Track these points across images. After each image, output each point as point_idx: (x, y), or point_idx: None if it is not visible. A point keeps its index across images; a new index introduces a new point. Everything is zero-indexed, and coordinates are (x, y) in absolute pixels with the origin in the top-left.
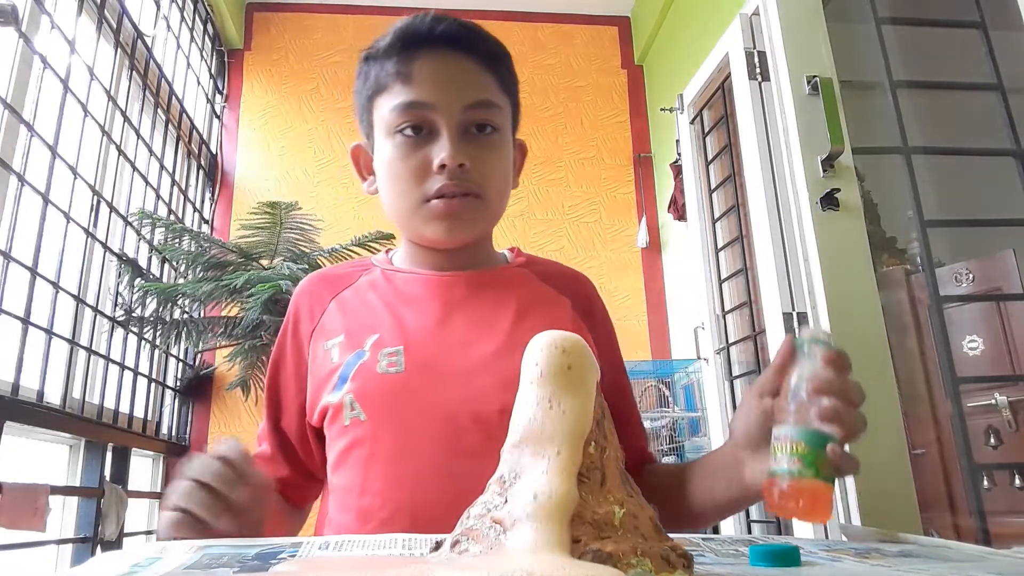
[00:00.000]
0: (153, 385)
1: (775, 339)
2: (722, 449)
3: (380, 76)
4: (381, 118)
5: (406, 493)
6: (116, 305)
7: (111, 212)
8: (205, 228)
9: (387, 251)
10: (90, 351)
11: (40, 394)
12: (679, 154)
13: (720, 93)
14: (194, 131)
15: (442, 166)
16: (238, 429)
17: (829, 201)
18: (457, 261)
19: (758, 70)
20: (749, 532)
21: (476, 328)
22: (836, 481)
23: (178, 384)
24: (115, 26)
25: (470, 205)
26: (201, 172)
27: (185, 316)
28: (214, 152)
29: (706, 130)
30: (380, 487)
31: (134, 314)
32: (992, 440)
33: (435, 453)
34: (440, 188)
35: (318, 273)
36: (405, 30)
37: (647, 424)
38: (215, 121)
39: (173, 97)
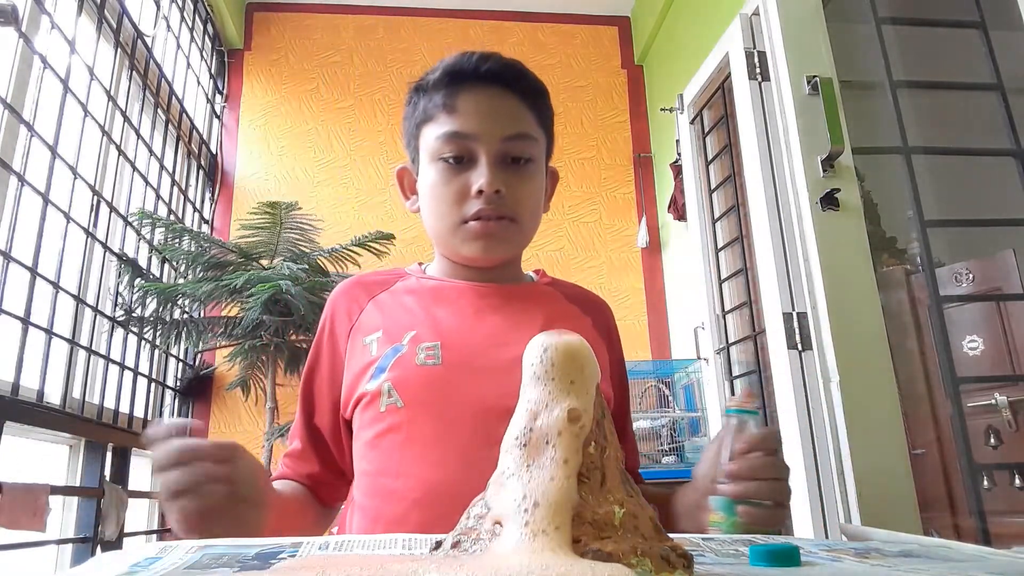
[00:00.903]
0: (153, 385)
1: (775, 339)
2: (689, 488)
3: (428, 107)
4: (427, 145)
5: (439, 476)
6: (116, 305)
7: (111, 212)
8: (205, 228)
9: (419, 264)
10: (90, 351)
11: (40, 394)
12: (679, 154)
13: (720, 93)
14: (194, 131)
15: (480, 191)
16: (238, 429)
17: (829, 201)
18: (489, 277)
19: (758, 70)
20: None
21: (508, 331)
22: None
23: (178, 384)
24: (115, 26)
25: (505, 227)
26: (201, 172)
27: (185, 316)
28: (214, 152)
29: (706, 130)
30: (416, 470)
31: (134, 314)
32: (992, 440)
33: (470, 441)
34: (478, 211)
35: (354, 278)
36: (453, 66)
37: (647, 424)
38: (215, 121)
39: (173, 97)
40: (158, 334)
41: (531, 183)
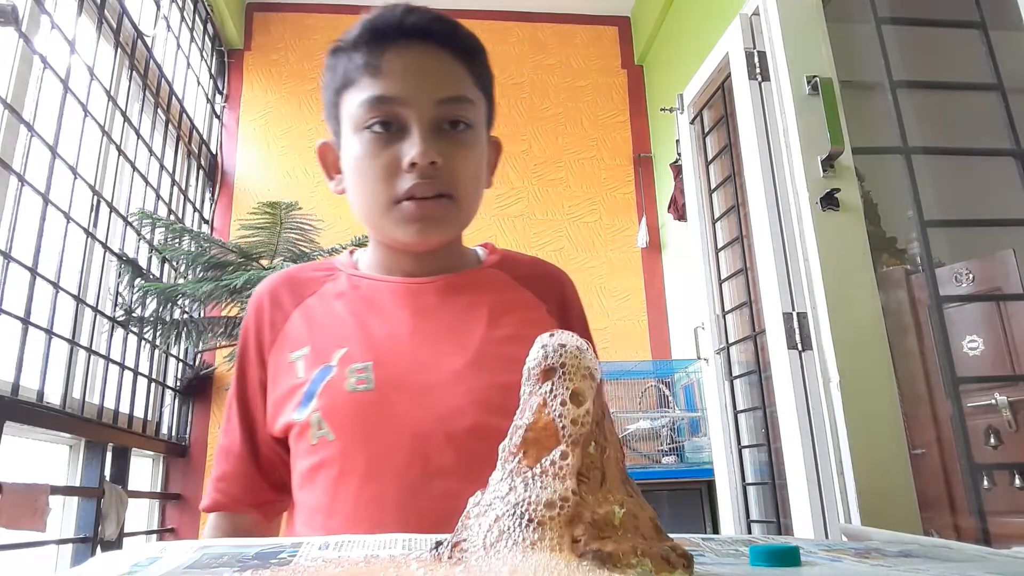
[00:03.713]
0: (153, 385)
1: (775, 339)
2: None
3: (348, 69)
4: (349, 114)
5: (375, 515)
6: (116, 305)
7: (111, 212)
8: (205, 228)
9: (350, 252)
10: (90, 351)
11: (40, 394)
12: (679, 154)
13: (720, 93)
14: (194, 131)
15: (412, 164)
16: None
17: (829, 201)
18: (427, 264)
19: (758, 70)
20: (749, 532)
21: (447, 339)
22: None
23: (178, 384)
24: (115, 26)
25: (443, 207)
26: (201, 172)
27: (185, 316)
28: (214, 152)
29: (706, 130)
30: (349, 510)
31: (134, 314)
32: (992, 440)
33: (406, 474)
34: (411, 188)
35: (280, 276)
36: (374, 21)
37: (647, 424)
38: (215, 121)
39: (173, 97)
40: (158, 334)
41: (471, 152)
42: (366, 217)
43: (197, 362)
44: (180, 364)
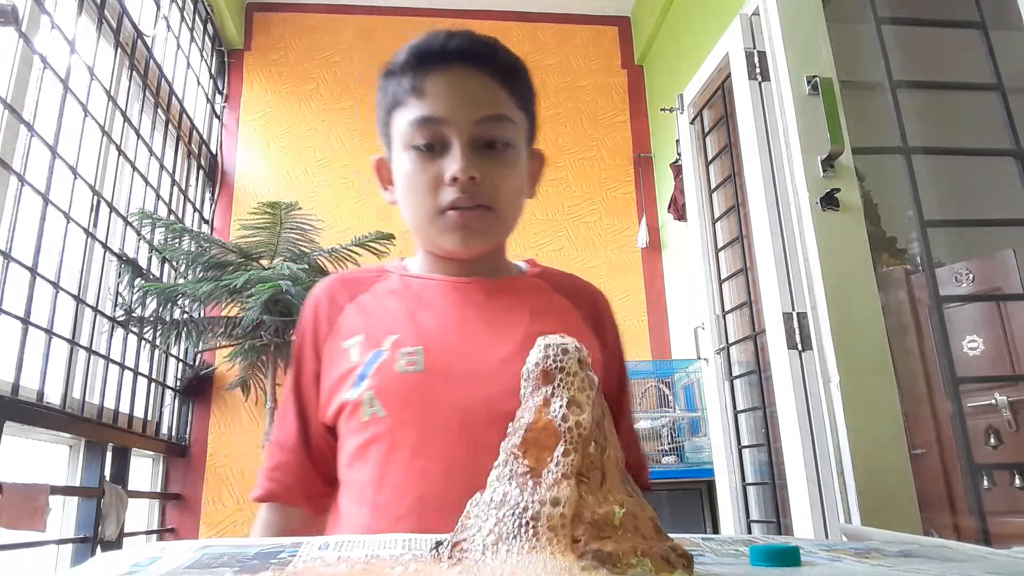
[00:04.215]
0: (153, 385)
1: (775, 339)
2: None
3: (396, 92)
4: (398, 132)
5: (424, 488)
6: (116, 305)
7: (111, 212)
8: (205, 228)
9: (401, 259)
10: (90, 351)
11: (40, 394)
12: (679, 154)
13: (720, 93)
14: (194, 131)
15: (454, 179)
16: (238, 429)
17: (829, 201)
18: (472, 270)
19: (758, 70)
20: (749, 532)
21: (492, 331)
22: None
23: (178, 384)
24: (115, 26)
25: (482, 217)
26: (201, 172)
27: (185, 316)
28: (214, 152)
29: (706, 130)
30: (398, 482)
31: (134, 314)
32: (992, 440)
33: (453, 449)
34: (453, 201)
35: (334, 277)
36: (419, 46)
37: (647, 424)
38: (215, 121)
39: (173, 97)
40: (158, 334)
41: (509, 168)
42: (415, 226)
43: (197, 362)
44: (180, 364)
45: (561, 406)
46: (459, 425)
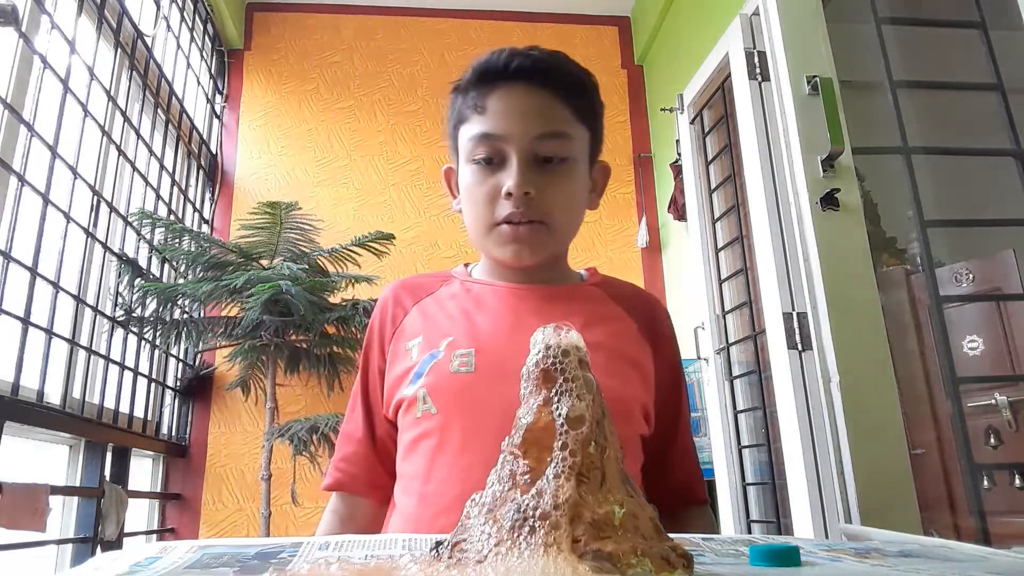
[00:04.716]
0: (153, 385)
1: (775, 339)
2: None
3: (462, 108)
4: (462, 146)
5: (468, 483)
6: (116, 305)
7: (111, 212)
8: (205, 228)
9: (466, 264)
10: (90, 351)
11: (40, 394)
12: (679, 154)
13: (720, 93)
14: (194, 131)
15: (508, 193)
16: (238, 429)
17: (829, 201)
18: (530, 277)
19: (758, 70)
20: (749, 532)
21: None
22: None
23: (178, 384)
24: (115, 26)
25: (535, 231)
26: (201, 172)
27: (185, 316)
28: (214, 152)
29: (706, 130)
30: (444, 476)
31: (134, 314)
32: (992, 440)
33: (495, 449)
34: (508, 215)
35: (402, 282)
36: (483, 65)
37: None
38: (215, 121)
39: (173, 97)
40: (158, 334)
41: (565, 183)
42: (474, 235)
43: (197, 362)
44: (180, 364)
45: (561, 406)
46: (504, 424)
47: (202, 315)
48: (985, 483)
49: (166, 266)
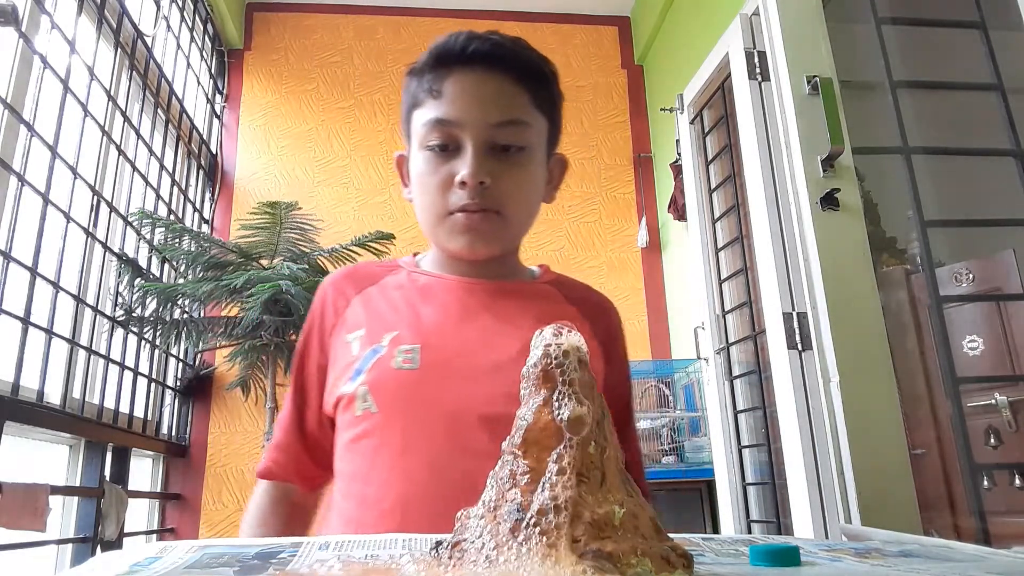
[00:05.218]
0: (153, 385)
1: (775, 339)
2: None
3: (416, 91)
4: (415, 131)
5: (410, 486)
6: (116, 305)
7: (111, 212)
8: (205, 228)
9: (415, 254)
10: (90, 351)
11: (40, 394)
12: (679, 154)
13: (720, 93)
14: (194, 131)
15: (463, 183)
16: (238, 429)
17: (829, 201)
18: (481, 272)
19: (758, 70)
20: (749, 532)
21: (494, 334)
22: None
23: (178, 384)
24: (115, 26)
25: (489, 221)
26: (201, 172)
27: (185, 316)
28: (214, 152)
29: (706, 130)
30: (384, 478)
31: (134, 314)
32: (992, 440)
33: (440, 449)
34: (461, 204)
35: (345, 269)
36: (440, 48)
37: (647, 424)
38: (215, 121)
39: (173, 97)
40: (158, 334)
41: (522, 173)
42: (425, 225)
43: (197, 362)
44: (180, 364)
45: (561, 406)
46: (447, 425)
47: (202, 315)
48: (985, 483)
49: (166, 266)
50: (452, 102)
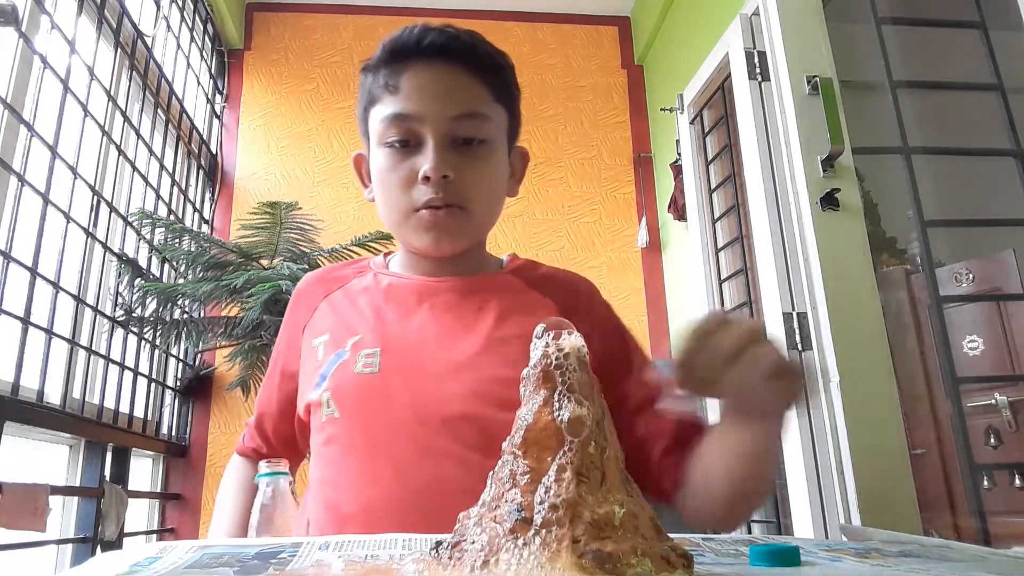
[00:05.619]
0: (153, 385)
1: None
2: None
3: (372, 88)
4: (374, 129)
5: (375, 490)
6: (116, 305)
7: (111, 212)
8: (205, 228)
9: (386, 254)
10: (90, 351)
11: (40, 394)
12: (679, 154)
13: (720, 93)
14: (194, 131)
15: (426, 178)
16: (239, 429)
17: (829, 201)
18: (448, 268)
19: (758, 70)
20: (749, 532)
21: (455, 334)
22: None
23: (178, 384)
24: (115, 26)
25: (455, 216)
26: (201, 172)
27: (185, 316)
28: (214, 152)
29: (706, 130)
30: (349, 484)
31: (134, 314)
32: (992, 440)
33: (404, 452)
34: (425, 200)
35: (315, 272)
36: (395, 42)
37: None
38: (215, 121)
39: (173, 97)
40: (158, 334)
41: (485, 166)
42: (389, 223)
43: (197, 362)
44: (180, 364)
45: (561, 406)
46: (411, 428)
47: (202, 315)
48: (985, 483)
49: (166, 266)
50: (410, 96)
